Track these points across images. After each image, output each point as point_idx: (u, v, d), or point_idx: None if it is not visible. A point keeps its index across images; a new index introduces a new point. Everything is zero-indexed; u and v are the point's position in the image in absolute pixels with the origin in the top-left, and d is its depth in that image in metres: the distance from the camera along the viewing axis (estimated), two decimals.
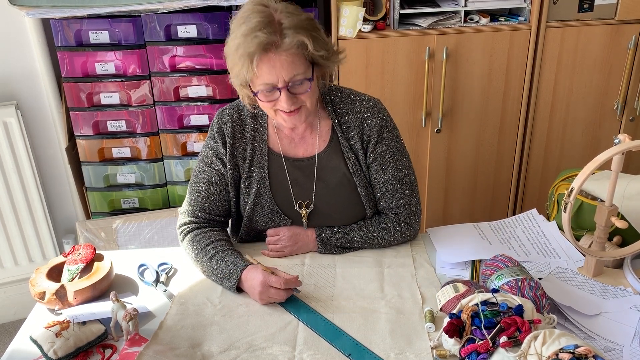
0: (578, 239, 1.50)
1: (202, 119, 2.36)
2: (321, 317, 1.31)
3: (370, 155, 1.51)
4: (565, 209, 1.34)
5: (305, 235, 1.55)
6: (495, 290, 1.21)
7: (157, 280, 1.46)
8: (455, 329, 1.15)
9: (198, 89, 2.32)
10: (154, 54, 2.25)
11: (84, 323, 1.26)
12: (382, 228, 1.55)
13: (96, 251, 1.47)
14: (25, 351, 1.24)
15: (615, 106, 2.51)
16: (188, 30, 2.24)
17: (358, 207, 1.56)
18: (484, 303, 1.17)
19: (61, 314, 1.31)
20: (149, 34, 2.22)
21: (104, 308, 1.31)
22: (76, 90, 2.28)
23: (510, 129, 2.51)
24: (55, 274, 1.42)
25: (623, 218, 1.46)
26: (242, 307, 1.36)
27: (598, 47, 2.39)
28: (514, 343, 1.09)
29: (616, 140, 1.33)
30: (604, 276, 1.44)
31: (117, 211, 2.49)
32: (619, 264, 1.48)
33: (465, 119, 2.47)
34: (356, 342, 1.23)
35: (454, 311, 1.19)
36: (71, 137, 2.44)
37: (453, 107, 2.44)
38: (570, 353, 1.02)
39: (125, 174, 2.44)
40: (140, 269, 1.51)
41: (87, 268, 1.43)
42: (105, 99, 2.32)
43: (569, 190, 1.33)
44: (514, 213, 2.65)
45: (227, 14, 2.22)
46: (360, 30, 2.26)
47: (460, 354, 1.14)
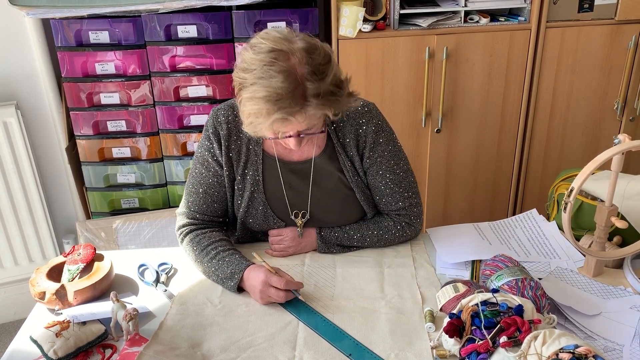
0: (578, 239, 1.50)
1: (202, 119, 2.36)
2: (321, 317, 1.31)
3: (366, 161, 1.50)
4: (565, 209, 1.34)
5: (308, 234, 1.55)
6: (495, 290, 1.21)
7: (157, 280, 1.46)
8: (455, 329, 1.15)
9: (198, 89, 2.32)
10: (154, 54, 2.25)
11: (84, 323, 1.26)
12: (383, 227, 1.55)
13: (96, 251, 1.47)
14: (25, 351, 1.24)
15: (615, 106, 2.50)
16: (188, 30, 2.24)
17: (354, 213, 1.56)
18: (484, 303, 1.17)
19: (61, 314, 1.31)
20: (149, 34, 2.22)
21: (104, 308, 1.31)
22: (76, 90, 2.28)
23: (510, 129, 2.51)
24: (55, 274, 1.42)
25: (623, 218, 1.46)
26: (242, 307, 1.36)
27: (598, 47, 2.39)
28: (514, 343, 1.09)
29: (616, 140, 1.33)
30: (604, 276, 1.44)
31: (117, 211, 2.49)
32: (619, 264, 1.48)
33: (465, 119, 2.47)
34: (356, 342, 1.23)
35: (454, 311, 1.19)
36: (71, 137, 2.44)
37: (453, 107, 2.44)
38: (570, 353, 1.02)
39: (125, 174, 2.44)
40: (140, 269, 1.51)
41: (87, 268, 1.43)
42: (105, 99, 2.32)
43: (569, 190, 1.33)
44: (514, 213, 2.65)
45: (227, 14, 2.22)
46: (360, 30, 2.26)
47: (460, 354, 1.14)
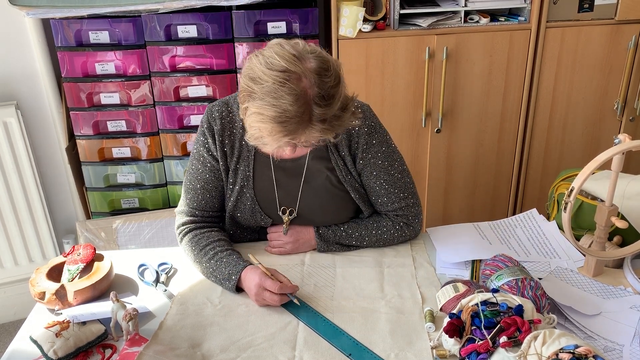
0: (578, 239, 1.50)
1: None
2: (321, 317, 1.31)
3: (360, 162, 1.50)
4: (565, 208, 1.34)
5: (307, 232, 1.55)
6: (495, 290, 1.21)
7: (157, 280, 1.46)
8: (455, 329, 1.15)
9: (198, 89, 2.32)
10: (154, 54, 2.25)
11: (84, 323, 1.26)
12: (382, 226, 1.55)
13: (96, 251, 1.47)
14: (25, 351, 1.24)
15: (615, 106, 2.50)
16: (188, 30, 2.24)
17: (343, 213, 1.56)
18: (484, 303, 1.17)
19: (61, 314, 1.31)
20: (149, 34, 2.22)
21: (104, 308, 1.31)
22: (76, 90, 2.28)
23: (510, 129, 2.51)
24: (55, 274, 1.42)
25: (623, 218, 1.46)
26: (242, 307, 1.36)
27: (598, 47, 2.39)
28: (514, 343, 1.09)
29: (616, 140, 1.33)
30: (604, 276, 1.44)
31: (117, 211, 2.49)
32: (619, 264, 1.48)
33: (465, 119, 2.47)
34: (356, 342, 1.23)
35: (454, 311, 1.19)
36: (71, 137, 2.44)
37: (453, 107, 2.44)
38: (570, 353, 1.02)
39: (125, 174, 2.44)
40: (140, 269, 1.51)
41: (87, 268, 1.43)
42: (105, 99, 2.32)
43: (569, 190, 1.33)
44: (514, 213, 2.65)
45: (227, 14, 2.22)
46: (360, 30, 2.26)
47: (460, 354, 1.14)
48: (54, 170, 2.55)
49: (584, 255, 1.48)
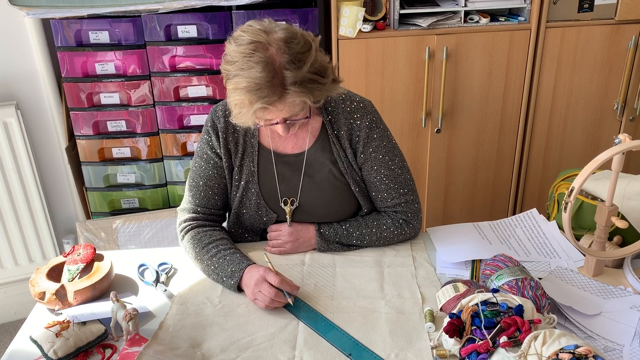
0: (578, 238, 1.50)
1: (202, 119, 2.36)
2: (321, 317, 1.31)
3: (361, 156, 1.52)
4: (565, 208, 1.34)
5: (307, 231, 1.56)
6: (495, 290, 1.21)
7: (157, 280, 1.46)
8: (455, 329, 1.15)
9: (198, 89, 2.32)
10: (154, 54, 2.25)
11: (84, 323, 1.26)
12: (382, 224, 1.55)
13: (96, 251, 1.47)
14: (25, 351, 1.24)
15: (615, 106, 2.50)
16: (188, 30, 2.24)
17: (345, 206, 1.56)
18: (484, 303, 1.17)
19: (61, 314, 1.31)
20: (149, 34, 2.23)
21: (104, 308, 1.31)
22: (76, 90, 2.28)
23: (510, 129, 2.52)
24: (55, 274, 1.42)
25: (623, 218, 1.46)
26: (242, 307, 1.36)
27: (598, 47, 2.39)
28: (514, 343, 1.09)
29: (616, 140, 1.33)
30: (604, 276, 1.44)
31: (117, 211, 2.49)
32: (619, 264, 1.48)
33: (465, 119, 2.47)
34: (356, 342, 1.23)
35: (454, 311, 1.19)
36: (71, 137, 2.44)
37: (453, 107, 2.44)
38: (570, 353, 1.02)
39: (125, 174, 2.44)
40: (140, 269, 1.51)
41: (87, 268, 1.43)
42: (105, 99, 2.32)
43: (569, 190, 1.33)
44: (514, 213, 2.65)
45: (227, 14, 2.22)
46: (360, 30, 2.26)
47: (460, 354, 1.14)
48: (54, 170, 2.55)
49: (584, 255, 1.48)
